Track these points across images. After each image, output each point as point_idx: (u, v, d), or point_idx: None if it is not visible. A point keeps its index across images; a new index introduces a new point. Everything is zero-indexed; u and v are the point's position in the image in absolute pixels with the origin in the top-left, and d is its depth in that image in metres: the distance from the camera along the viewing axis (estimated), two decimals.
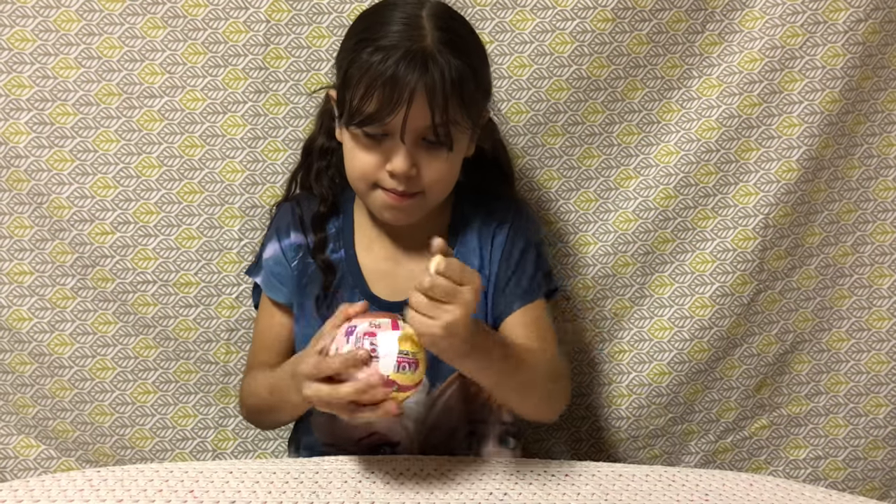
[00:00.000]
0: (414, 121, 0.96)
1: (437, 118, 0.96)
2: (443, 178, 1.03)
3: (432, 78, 0.95)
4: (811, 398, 1.41)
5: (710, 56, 1.29)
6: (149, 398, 1.31)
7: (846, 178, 1.35)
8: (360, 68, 0.97)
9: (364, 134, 0.99)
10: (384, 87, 0.95)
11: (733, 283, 1.33)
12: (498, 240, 1.12)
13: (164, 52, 1.23)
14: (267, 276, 1.12)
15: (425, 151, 1.00)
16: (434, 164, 1.01)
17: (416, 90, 0.94)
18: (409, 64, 0.95)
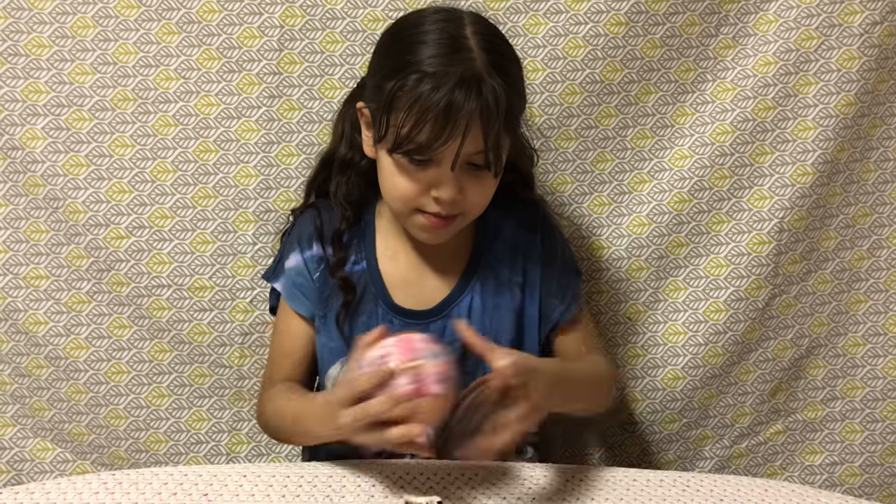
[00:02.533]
0: (465, 148, 0.95)
1: (489, 143, 0.95)
2: (484, 198, 1.03)
3: (486, 104, 0.93)
4: (827, 403, 1.40)
5: (725, 59, 1.28)
6: (163, 402, 1.32)
7: (862, 181, 1.34)
8: (410, 96, 0.94)
9: (409, 160, 0.98)
10: (437, 118, 0.92)
11: (748, 287, 1.32)
12: (531, 248, 1.12)
13: (178, 58, 1.24)
14: (289, 286, 1.11)
15: (469, 175, 0.99)
16: (478, 186, 1.01)
17: (472, 118, 0.93)
18: (464, 92, 0.92)
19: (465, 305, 1.10)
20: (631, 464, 1.39)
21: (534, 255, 1.12)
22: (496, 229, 1.12)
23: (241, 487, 0.92)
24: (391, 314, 1.08)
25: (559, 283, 1.13)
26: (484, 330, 1.09)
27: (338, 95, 1.26)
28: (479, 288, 1.10)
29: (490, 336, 1.07)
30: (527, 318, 1.12)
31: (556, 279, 1.13)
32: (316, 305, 1.10)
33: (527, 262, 1.12)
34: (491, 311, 1.10)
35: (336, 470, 0.98)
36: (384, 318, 1.08)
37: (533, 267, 1.12)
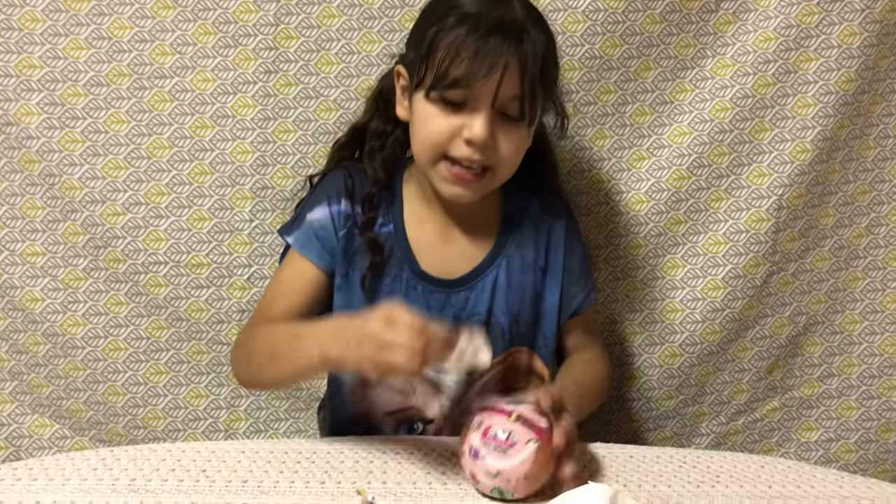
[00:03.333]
0: (503, 90, 0.96)
1: (526, 90, 0.97)
2: (514, 154, 1.03)
3: (526, 50, 0.96)
4: (823, 380, 1.40)
5: (725, 35, 1.27)
6: (161, 378, 1.32)
7: (861, 158, 1.33)
8: (450, 35, 0.96)
9: (444, 101, 0.98)
10: (477, 53, 0.94)
11: (746, 264, 1.32)
12: (556, 235, 1.13)
13: (174, 33, 1.23)
14: (308, 236, 1.08)
15: (502, 125, 0.99)
16: (510, 138, 1.00)
17: (510, 60, 0.95)
18: (506, 34, 0.95)
19: (490, 280, 1.10)
20: (627, 440, 1.38)
21: (558, 242, 1.13)
22: (523, 209, 1.13)
23: (239, 464, 0.92)
24: (416, 279, 1.08)
25: (580, 273, 1.15)
26: (507, 308, 1.10)
27: (335, 70, 1.25)
28: (506, 265, 1.10)
29: (511, 315, 1.10)
30: (546, 303, 1.13)
31: (577, 269, 1.15)
32: (338, 261, 1.08)
33: (550, 247, 1.13)
34: (516, 289, 1.11)
35: (334, 445, 0.98)
36: (409, 284, 1.08)
37: (556, 253, 1.13)
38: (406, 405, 1.10)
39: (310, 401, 1.35)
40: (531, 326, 1.13)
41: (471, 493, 0.88)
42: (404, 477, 0.91)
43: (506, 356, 1.11)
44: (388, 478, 0.91)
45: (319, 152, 1.27)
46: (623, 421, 1.40)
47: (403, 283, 1.08)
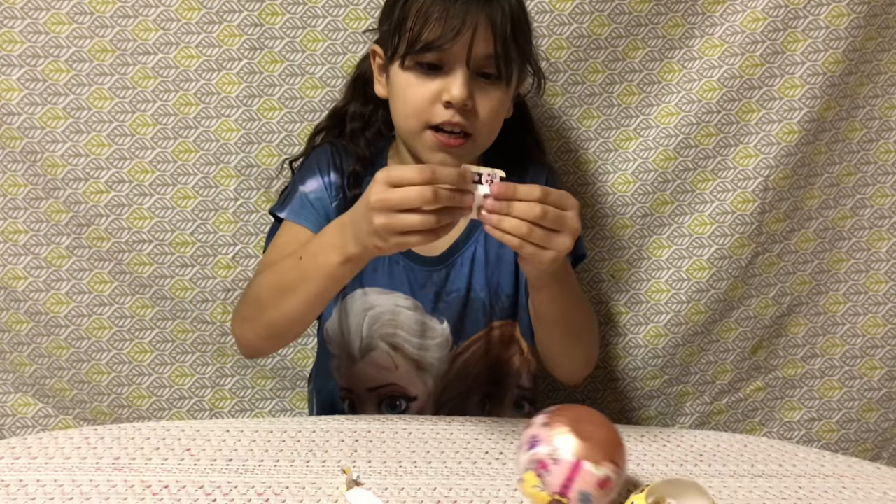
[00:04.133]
0: (476, 48, 0.96)
1: (499, 48, 0.97)
2: (494, 117, 1.02)
3: (494, 9, 0.97)
4: (807, 361, 1.41)
5: (713, 15, 1.27)
6: (146, 357, 1.31)
7: (847, 140, 1.34)
8: (418, 1, 0.98)
9: (419, 68, 0.99)
10: (447, 13, 0.95)
11: (732, 245, 1.33)
12: None
13: (157, 8, 1.21)
14: (303, 204, 1.07)
15: (480, 87, 1.00)
16: (489, 99, 1.00)
17: (479, 18, 0.96)
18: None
19: (468, 255, 1.10)
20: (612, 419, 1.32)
21: None
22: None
23: (224, 442, 0.92)
24: (398, 255, 1.08)
25: None
26: (486, 281, 1.10)
27: (320, 48, 1.24)
28: (483, 239, 1.10)
29: (491, 288, 1.10)
30: (522, 275, 1.10)
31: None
32: None
33: None
34: (494, 262, 1.10)
35: (319, 424, 0.98)
36: (392, 259, 1.08)
37: None
38: (389, 381, 1.10)
39: (295, 380, 1.34)
40: (511, 298, 1.12)
41: (455, 472, 0.88)
42: (389, 456, 0.91)
43: (488, 330, 1.11)
44: (373, 457, 0.91)
45: (305, 130, 1.26)
46: (608, 400, 1.41)
47: (387, 259, 1.08)
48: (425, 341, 1.10)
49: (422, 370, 1.10)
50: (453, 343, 1.10)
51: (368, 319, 1.09)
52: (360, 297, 1.09)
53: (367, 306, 1.09)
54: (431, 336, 1.10)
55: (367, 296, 1.09)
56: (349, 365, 1.11)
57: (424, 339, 1.10)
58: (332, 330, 1.12)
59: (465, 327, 1.10)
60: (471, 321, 1.11)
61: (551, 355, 1.07)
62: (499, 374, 1.14)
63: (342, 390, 1.13)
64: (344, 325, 1.11)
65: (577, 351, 1.06)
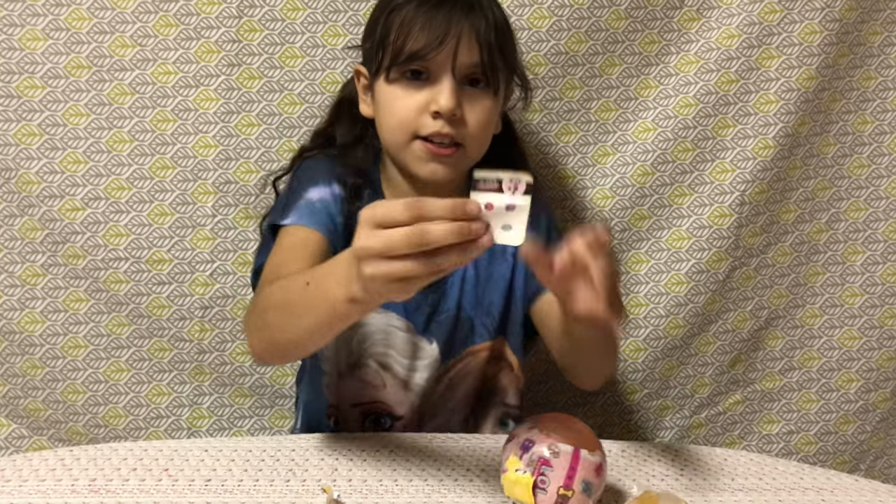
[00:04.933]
0: (462, 56, 0.96)
1: (485, 56, 0.97)
2: (483, 127, 1.01)
3: (478, 18, 0.97)
4: (784, 374, 1.42)
5: (689, 32, 1.28)
6: (122, 376, 1.30)
7: (821, 154, 1.35)
8: (401, 13, 0.97)
9: (405, 79, 0.98)
10: (430, 21, 0.95)
11: (709, 259, 1.33)
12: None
13: (134, 24, 1.21)
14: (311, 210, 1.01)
15: (468, 95, 0.99)
16: (478, 107, 0.99)
17: (462, 27, 0.96)
18: (454, 4, 0.96)
19: (458, 275, 1.09)
20: None
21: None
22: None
23: (202, 462, 0.91)
24: None
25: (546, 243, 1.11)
26: (476, 301, 1.09)
27: (298, 64, 1.24)
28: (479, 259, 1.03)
29: (482, 307, 1.09)
30: (516, 288, 1.11)
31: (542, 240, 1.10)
32: (339, 245, 1.00)
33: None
34: (484, 281, 1.09)
35: (299, 443, 0.97)
36: None
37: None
38: (375, 399, 1.09)
39: (274, 398, 1.33)
40: (501, 315, 1.11)
41: (437, 490, 0.88)
42: (370, 474, 0.90)
43: (476, 348, 1.10)
44: (353, 475, 0.90)
45: (283, 146, 1.26)
46: (588, 415, 1.41)
47: None
48: (415, 362, 1.08)
49: (409, 390, 1.09)
50: (441, 363, 1.09)
51: (359, 336, 1.07)
52: None
53: (359, 323, 1.06)
54: (421, 357, 1.08)
55: None
56: (336, 380, 1.10)
57: (414, 359, 1.08)
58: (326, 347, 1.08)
59: (453, 347, 1.09)
60: (459, 340, 1.10)
61: (579, 372, 1.04)
62: (485, 393, 1.13)
63: (329, 407, 1.11)
64: (337, 340, 1.06)
65: (607, 365, 1.05)
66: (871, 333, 1.40)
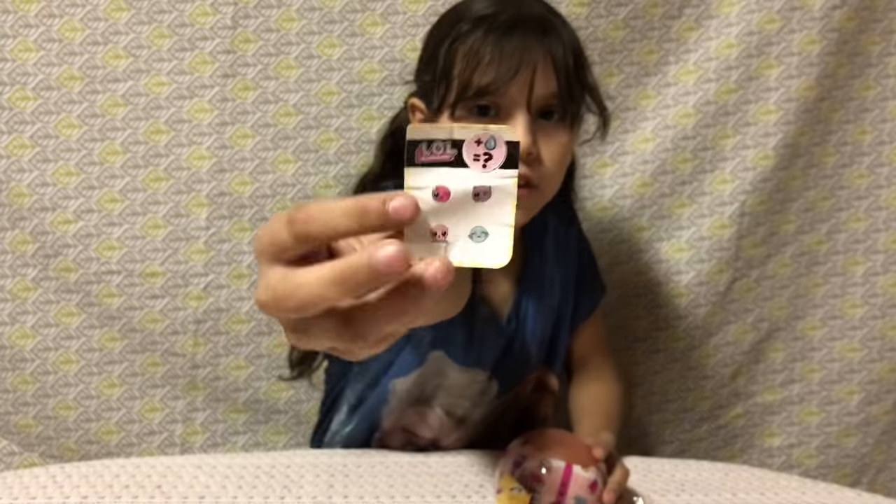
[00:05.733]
0: (538, 88, 0.86)
1: (563, 85, 0.87)
2: (559, 164, 0.90)
3: (555, 42, 0.87)
4: (785, 386, 1.41)
5: (688, 41, 1.28)
6: (114, 392, 1.28)
7: (821, 165, 1.34)
8: (467, 41, 0.87)
9: (472, 115, 0.88)
10: (502, 52, 0.84)
11: (709, 271, 1.32)
12: (569, 242, 1.08)
13: (128, 35, 1.20)
14: None
15: (543, 130, 0.88)
16: (554, 144, 0.89)
17: (538, 55, 0.85)
18: (528, 28, 0.86)
19: (523, 311, 1.02)
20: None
21: (571, 250, 1.08)
22: (543, 223, 1.03)
23: (196, 479, 0.89)
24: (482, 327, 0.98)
25: (588, 276, 1.11)
26: (533, 335, 1.03)
27: (294, 75, 1.23)
28: (535, 290, 1.03)
29: (537, 341, 1.04)
30: (561, 316, 1.07)
31: (587, 272, 1.11)
32: None
33: (567, 256, 1.07)
34: (542, 313, 1.04)
35: (294, 460, 0.95)
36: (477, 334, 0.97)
37: (570, 261, 1.07)
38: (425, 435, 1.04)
39: (269, 413, 1.31)
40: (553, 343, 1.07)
41: None
42: (366, 490, 0.89)
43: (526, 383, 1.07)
44: (349, 491, 0.88)
45: (279, 158, 1.25)
46: None
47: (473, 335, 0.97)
48: (478, 399, 1.04)
49: (462, 426, 1.05)
50: (497, 398, 1.05)
51: (435, 385, 1.01)
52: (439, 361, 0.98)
53: (442, 374, 0.99)
54: (484, 395, 1.04)
55: (445, 367, 0.99)
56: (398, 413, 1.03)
57: (478, 398, 1.04)
58: (401, 387, 1.01)
59: (510, 383, 1.05)
60: (517, 375, 1.06)
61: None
62: (528, 421, 1.10)
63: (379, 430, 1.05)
64: (415, 385, 1.00)
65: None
66: (873, 345, 1.39)
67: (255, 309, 1.27)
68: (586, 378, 1.15)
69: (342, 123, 1.24)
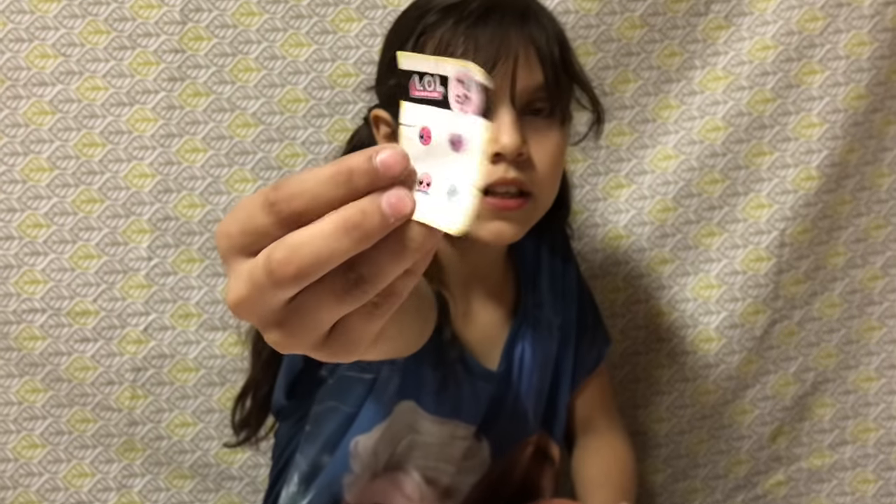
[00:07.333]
0: (521, 79, 0.79)
1: (550, 75, 0.81)
2: (553, 166, 0.84)
3: (537, 28, 0.82)
4: (835, 448, 1.29)
5: (716, 43, 1.19)
6: (36, 453, 1.13)
7: (874, 187, 1.25)
8: (436, 32, 0.81)
9: None
10: (476, 42, 0.78)
11: (744, 311, 1.22)
12: (568, 283, 1.02)
13: (57, 31, 1.09)
14: None
15: (532, 127, 0.81)
16: (546, 142, 0.82)
17: (519, 42, 0.80)
18: (503, 13, 0.80)
19: (517, 358, 0.94)
20: None
21: (570, 291, 1.01)
22: (534, 260, 0.99)
23: None
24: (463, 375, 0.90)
25: (592, 324, 1.06)
26: (531, 387, 0.96)
27: (254, 79, 1.12)
28: (530, 336, 0.95)
29: (535, 394, 0.97)
30: (561, 369, 1.00)
31: (589, 319, 1.05)
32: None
33: (565, 299, 1.00)
34: (540, 363, 0.96)
35: None
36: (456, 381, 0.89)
37: (569, 305, 1.01)
38: None
39: (219, 479, 1.16)
40: (551, 401, 1.00)
41: None
42: None
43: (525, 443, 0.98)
44: None
45: (234, 176, 1.12)
46: None
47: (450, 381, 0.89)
48: (465, 464, 0.94)
49: (449, 498, 0.93)
50: (490, 464, 0.96)
51: (408, 443, 0.92)
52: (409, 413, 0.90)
53: (414, 429, 0.91)
54: (472, 459, 0.94)
55: (418, 418, 0.90)
56: (366, 482, 0.93)
57: (465, 463, 0.94)
58: (363, 446, 0.92)
59: (506, 444, 0.96)
60: (513, 436, 0.97)
61: None
62: (525, 495, 0.99)
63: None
64: (381, 442, 0.91)
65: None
66: None
67: (204, 355, 1.14)
68: (593, 444, 1.07)
69: (310, 136, 1.14)
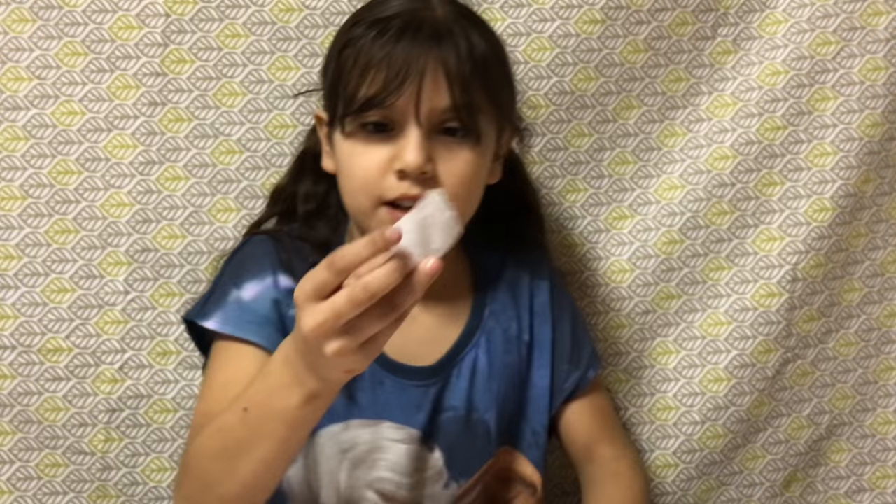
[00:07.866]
0: (429, 100, 0.83)
1: (458, 96, 0.84)
2: (465, 183, 0.87)
3: (448, 49, 0.84)
4: (852, 496, 1.25)
5: (723, 67, 1.17)
6: (2, 500, 1.09)
7: (891, 219, 1.22)
8: (356, 46, 0.86)
9: (364, 131, 0.86)
10: (389, 60, 0.83)
11: (754, 350, 1.18)
12: (539, 300, 1.02)
13: (32, 52, 1.06)
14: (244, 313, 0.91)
15: (443, 146, 0.86)
16: (453, 161, 0.85)
17: (427, 62, 0.83)
18: (417, 33, 0.84)
19: (468, 364, 0.96)
20: None
21: (543, 309, 1.02)
22: (497, 273, 1.01)
23: None
24: (381, 370, 0.92)
25: (573, 344, 1.04)
26: (490, 397, 0.96)
27: (238, 103, 1.09)
28: (486, 344, 0.97)
29: (497, 406, 0.97)
30: (533, 388, 1.00)
31: (568, 339, 1.03)
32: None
33: (535, 317, 1.01)
34: (499, 373, 0.98)
35: None
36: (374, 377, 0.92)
37: (542, 324, 1.01)
38: None
39: None
40: (518, 419, 0.99)
41: None
42: None
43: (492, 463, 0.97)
44: None
45: (217, 205, 1.09)
46: None
47: (367, 378, 0.91)
48: (419, 476, 0.94)
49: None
50: (449, 478, 0.95)
51: (348, 464, 0.92)
52: (336, 434, 0.92)
53: (344, 446, 0.92)
54: (424, 469, 0.95)
55: (345, 432, 0.92)
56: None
57: (419, 473, 0.94)
58: (294, 480, 0.92)
59: (464, 458, 0.95)
60: (473, 451, 0.96)
61: None
62: None
63: None
64: (313, 473, 0.92)
65: None
66: None
67: (183, 395, 1.10)
68: (599, 477, 1.04)
69: None
